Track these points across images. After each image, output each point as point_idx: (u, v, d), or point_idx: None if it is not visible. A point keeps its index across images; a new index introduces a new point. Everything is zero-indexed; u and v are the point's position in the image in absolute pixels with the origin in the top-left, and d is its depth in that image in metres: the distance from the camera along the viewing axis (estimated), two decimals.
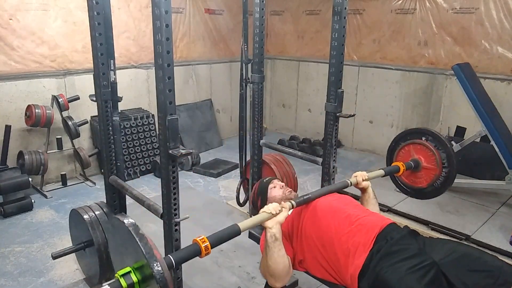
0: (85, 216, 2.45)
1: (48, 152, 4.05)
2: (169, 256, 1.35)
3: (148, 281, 1.24)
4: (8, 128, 3.81)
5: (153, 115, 4.88)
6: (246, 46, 3.22)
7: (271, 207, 1.63)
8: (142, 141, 4.79)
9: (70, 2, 4.13)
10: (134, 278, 1.27)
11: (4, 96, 3.90)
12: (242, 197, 3.56)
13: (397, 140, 2.49)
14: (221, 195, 4.18)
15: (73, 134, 4.17)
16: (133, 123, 4.69)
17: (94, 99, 2.55)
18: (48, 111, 3.91)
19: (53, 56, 4.13)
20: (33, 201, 3.74)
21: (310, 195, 1.82)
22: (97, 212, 2.49)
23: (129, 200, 2.48)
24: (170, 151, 1.77)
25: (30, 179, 3.67)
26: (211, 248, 1.42)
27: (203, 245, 1.40)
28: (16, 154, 3.94)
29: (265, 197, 2.11)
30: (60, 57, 4.19)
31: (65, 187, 4.26)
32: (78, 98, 4.20)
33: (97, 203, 2.60)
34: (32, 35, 3.95)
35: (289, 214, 1.73)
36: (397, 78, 5.17)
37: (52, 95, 4.08)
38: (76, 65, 4.31)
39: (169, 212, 1.90)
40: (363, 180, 2.00)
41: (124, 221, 1.34)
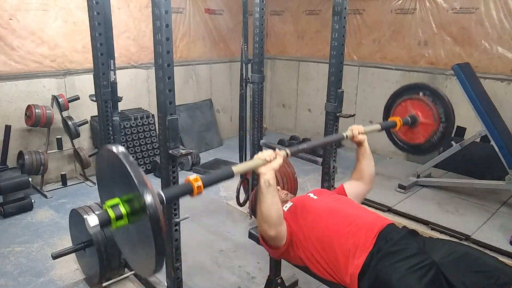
0: (85, 216, 2.45)
1: (48, 152, 4.05)
2: (160, 192, 1.27)
3: (138, 214, 1.13)
4: (8, 128, 3.82)
5: (153, 115, 4.88)
6: (246, 46, 3.23)
7: (265, 154, 1.60)
8: (142, 141, 4.79)
9: (70, 2, 4.13)
10: (123, 210, 1.16)
11: (4, 96, 3.90)
12: (242, 197, 3.56)
13: (393, 97, 2.37)
14: (221, 195, 4.18)
15: (73, 134, 4.17)
16: (133, 123, 4.69)
17: (94, 99, 2.55)
18: (48, 111, 3.91)
19: (53, 56, 4.14)
20: (33, 201, 3.75)
21: (305, 145, 1.78)
22: (97, 212, 2.49)
23: None
24: (170, 151, 1.77)
25: (30, 179, 3.67)
26: (204, 188, 1.37)
27: (196, 184, 1.35)
28: (16, 154, 3.94)
29: None
30: (60, 57, 4.19)
31: (65, 187, 4.26)
32: (78, 98, 4.20)
33: (97, 203, 2.60)
34: (32, 35, 3.95)
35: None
36: (397, 78, 5.16)
37: (52, 95, 4.08)
38: (76, 65, 4.31)
39: (169, 212, 1.90)
40: (359, 134, 1.97)
41: (113, 149, 1.19)
